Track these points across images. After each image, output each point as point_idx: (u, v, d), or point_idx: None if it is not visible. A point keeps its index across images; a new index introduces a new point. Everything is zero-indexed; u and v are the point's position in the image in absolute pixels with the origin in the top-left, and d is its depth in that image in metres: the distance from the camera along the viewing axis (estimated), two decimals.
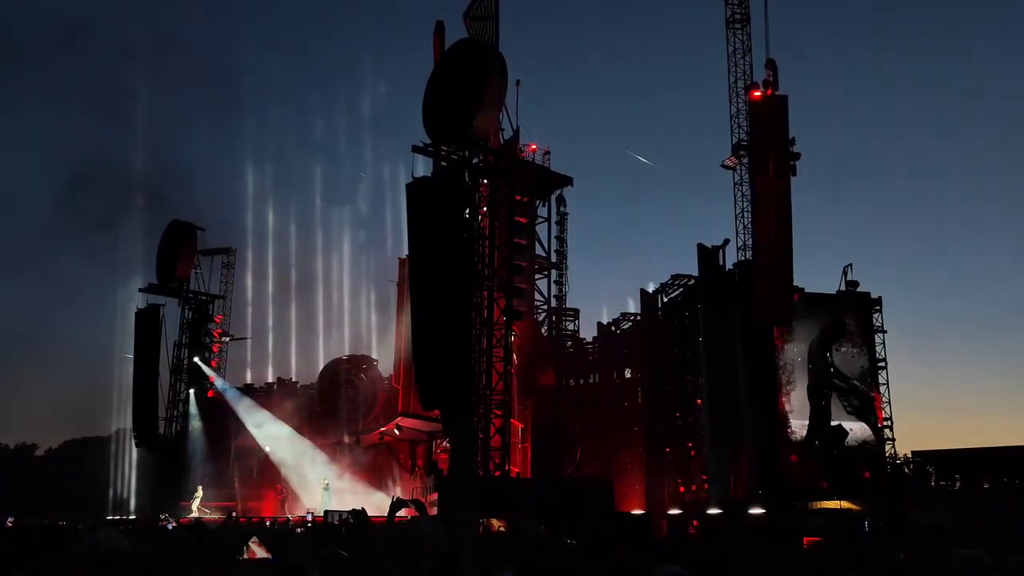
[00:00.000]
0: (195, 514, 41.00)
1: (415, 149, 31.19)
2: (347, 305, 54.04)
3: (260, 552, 7.08)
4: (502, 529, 23.98)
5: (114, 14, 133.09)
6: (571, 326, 46.06)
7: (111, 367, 51.98)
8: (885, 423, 34.83)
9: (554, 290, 43.95)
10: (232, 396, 48.66)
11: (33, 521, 32.64)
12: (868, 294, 36.30)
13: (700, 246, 34.08)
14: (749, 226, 33.42)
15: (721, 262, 34.07)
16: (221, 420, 49.67)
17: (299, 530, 29.13)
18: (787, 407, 33.25)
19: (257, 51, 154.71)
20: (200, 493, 43.54)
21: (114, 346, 52.37)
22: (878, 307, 36.11)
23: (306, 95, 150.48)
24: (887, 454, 35.00)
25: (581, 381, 44.99)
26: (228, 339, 52.21)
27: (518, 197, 34.67)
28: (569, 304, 45.23)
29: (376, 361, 48.33)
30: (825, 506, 31.34)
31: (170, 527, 28.93)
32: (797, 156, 33.35)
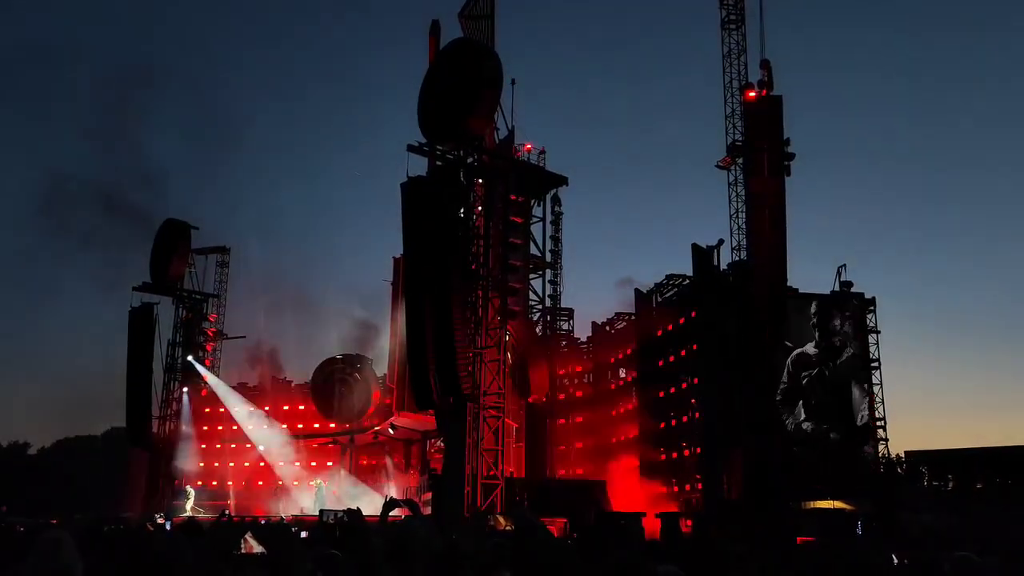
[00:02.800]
0: (188, 513, 40.91)
1: (410, 148, 31.15)
2: (342, 304, 53.93)
3: (256, 548, 7.06)
4: (509, 528, 23.97)
5: (98, 27, 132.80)
6: (566, 325, 46.12)
7: (104, 366, 51.91)
8: (878, 423, 34.87)
9: (549, 289, 43.97)
10: (226, 395, 48.56)
11: None
12: (862, 294, 36.37)
13: (695, 246, 34.13)
14: (744, 226, 33.51)
15: (716, 262, 34.13)
16: (215, 419, 49.61)
17: (293, 529, 29.08)
18: (780, 406, 33.30)
19: (249, 49, 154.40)
20: (192, 492, 43.45)
21: (107, 345, 52.25)
22: (872, 307, 36.18)
23: (300, 93, 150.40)
24: (880, 454, 35.07)
25: (575, 381, 45.04)
26: (222, 338, 52.10)
27: (513, 196, 34.65)
28: (564, 304, 45.29)
29: (370, 360, 48.29)
30: (818, 506, 31.42)
31: (167, 526, 28.82)
32: (791, 156, 33.45)
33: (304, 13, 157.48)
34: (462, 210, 32.58)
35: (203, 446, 48.35)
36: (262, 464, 47.41)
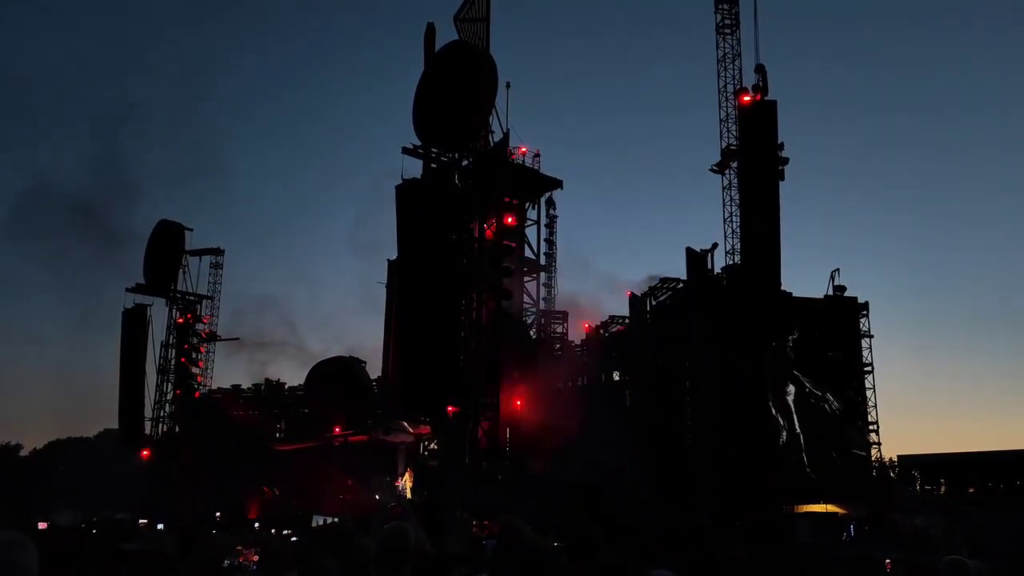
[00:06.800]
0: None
1: (405, 151, 31.19)
2: (336, 307, 53.94)
3: (250, 554, 7.05)
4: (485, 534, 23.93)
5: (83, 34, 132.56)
6: (560, 328, 46.10)
7: (97, 367, 51.87)
8: (871, 427, 34.93)
9: (543, 292, 43.97)
10: (219, 396, 48.43)
11: None
12: (855, 299, 36.42)
13: (689, 250, 34.15)
14: (737, 230, 33.54)
15: (709, 266, 34.15)
16: (208, 421, 49.40)
17: (285, 531, 29.03)
18: (773, 410, 33.32)
19: (244, 50, 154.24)
20: (188, 492, 43.28)
21: (101, 346, 52.24)
22: (865, 312, 36.23)
23: (297, 94, 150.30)
24: (873, 458, 35.14)
25: (569, 383, 44.96)
26: (216, 340, 51.93)
27: (507, 199, 34.66)
28: (558, 306, 45.27)
29: (364, 363, 48.24)
30: (811, 509, 31.44)
31: (159, 528, 28.75)
32: (785, 161, 33.49)
33: (299, 15, 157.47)
34: (456, 213, 32.59)
35: (196, 448, 48.17)
36: (256, 466, 47.22)
